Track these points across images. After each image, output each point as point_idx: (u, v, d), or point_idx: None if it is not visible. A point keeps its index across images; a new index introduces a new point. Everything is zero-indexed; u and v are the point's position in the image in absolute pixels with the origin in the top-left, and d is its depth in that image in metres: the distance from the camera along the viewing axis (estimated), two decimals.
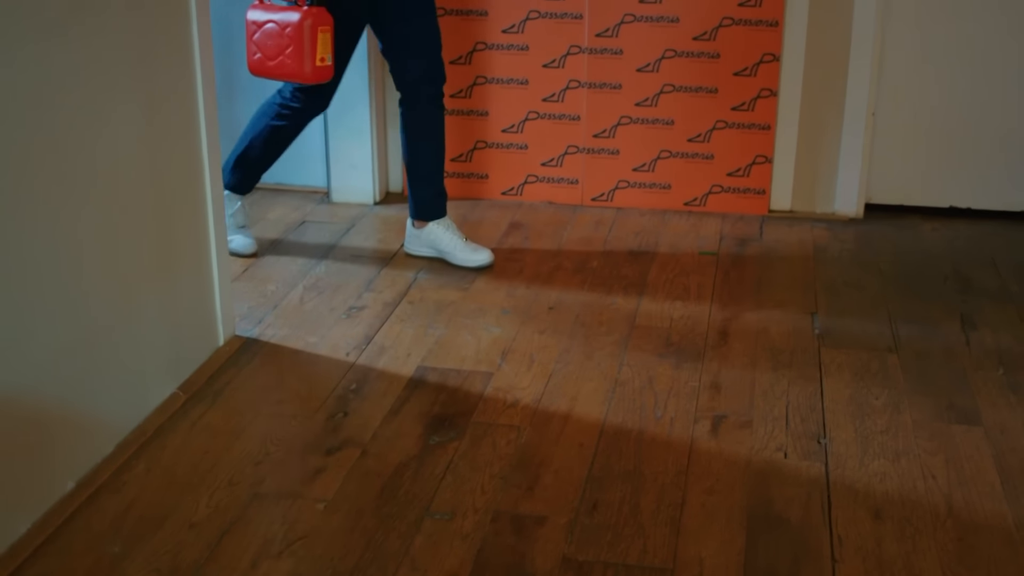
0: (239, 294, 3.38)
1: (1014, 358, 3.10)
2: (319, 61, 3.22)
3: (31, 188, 2.27)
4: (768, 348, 3.13)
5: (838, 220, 4.09)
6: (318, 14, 3.22)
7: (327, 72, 3.28)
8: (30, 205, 2.27)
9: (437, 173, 3.67)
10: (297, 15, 3.21)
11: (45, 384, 2.37)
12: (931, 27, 3.93)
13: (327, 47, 3.22)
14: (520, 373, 2.99)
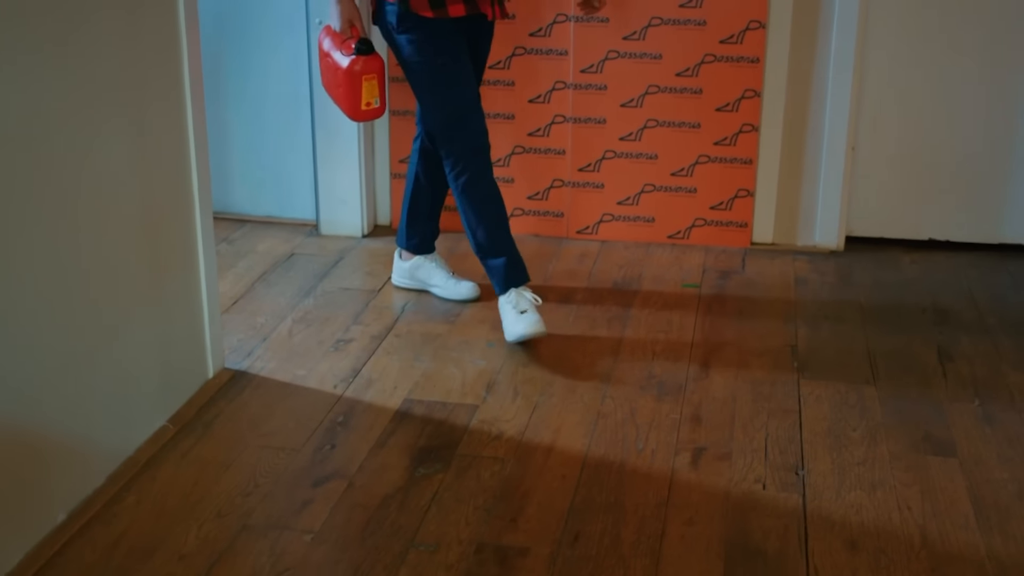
0: (229, 327, 3.43)
1: (990, 390, 3.16)
2: (365, 105, 3.30)
3: (19, 220, 2.33)
4: (748, 381, 3.19)
5: (819, 252, 4.15)
6: (365, 63, 3.25)
7: (375, 113, 3.35)
8: (19, 238, 2.32)
9: (437, 212, 3.76)
10: (347, 60, 3.27)
11: (36, 416, 2.42)
12: (909, 63, 4.01)
13: (373, 92, 3.28)
14: (505, 406, 3.04)
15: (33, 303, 2.37)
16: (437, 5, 3.22)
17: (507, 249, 3.42)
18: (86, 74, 2.49)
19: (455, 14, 3.24)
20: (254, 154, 4.35)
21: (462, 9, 3.25)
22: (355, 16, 3.33)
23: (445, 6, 3.22)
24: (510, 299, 3.39)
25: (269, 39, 4.21)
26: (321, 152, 4.21)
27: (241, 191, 4.40)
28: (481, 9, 3.28)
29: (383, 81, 3.32)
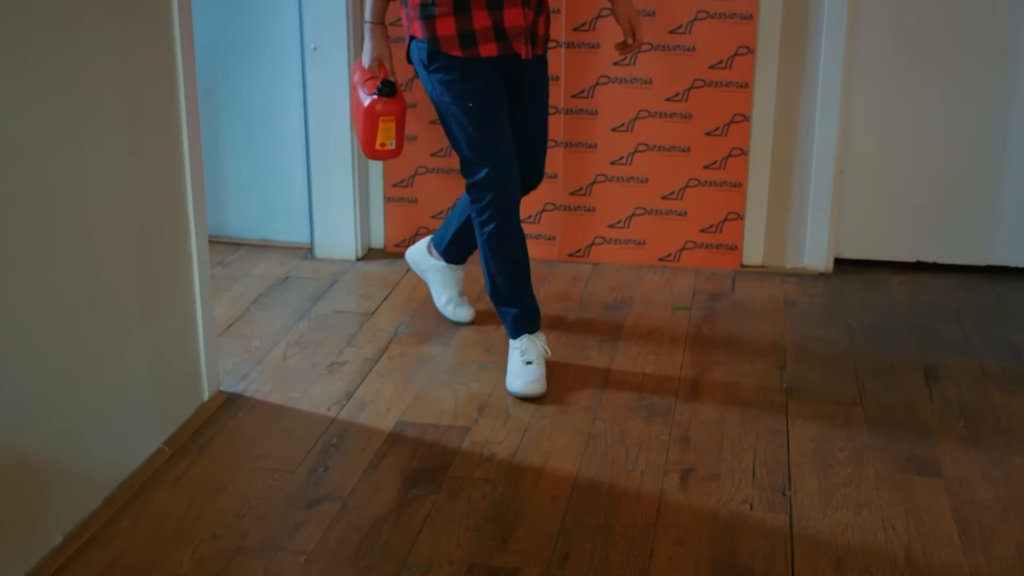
0: (224, 350, 3.47)
1: (975, 411, 3.20)
2: (379, 145, 3.30)
3: (14, 243, 2.37)
4: (737, 402, 3.23)
5: (808, 275, 4.20)
6: (384, 105, 3.24)
7: (389, 154, 3.34)
8: (14, 260, 2.36)
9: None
10: (368, 100, 3.26)
11: (32, 439, 2.45)
12: (896, 88, 4.07)
13: (389, 134, 3.27)
14: (496, 428, 3.08)
15: (28, 326, 2.41)
16: (467, 44, 3.11)
17: (523, 299, 3.36)
18: (82, 98, 2.54)
19: (487, 54, 3.12)
20: (249, 178, 4.40)
21: (494, 49, 3.11)
22: (385, 55, 3.31)
23: (476, 45, 3.10)
24: (520, 345, 3.34)
25: (264, 64, 4.27)
26: (315, 176, 4.26)
27: (236, 214, 4.45)
28: (515, 48, 3.14)
29: (402, 124, 3.31)
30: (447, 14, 3.07)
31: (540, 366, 3.29)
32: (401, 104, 3.28)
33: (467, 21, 3.06)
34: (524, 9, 3.09)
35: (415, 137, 4.24)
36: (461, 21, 3.06)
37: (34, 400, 2.44)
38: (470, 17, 3.06)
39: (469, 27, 3.06)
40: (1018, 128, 4.04)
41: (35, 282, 2.41)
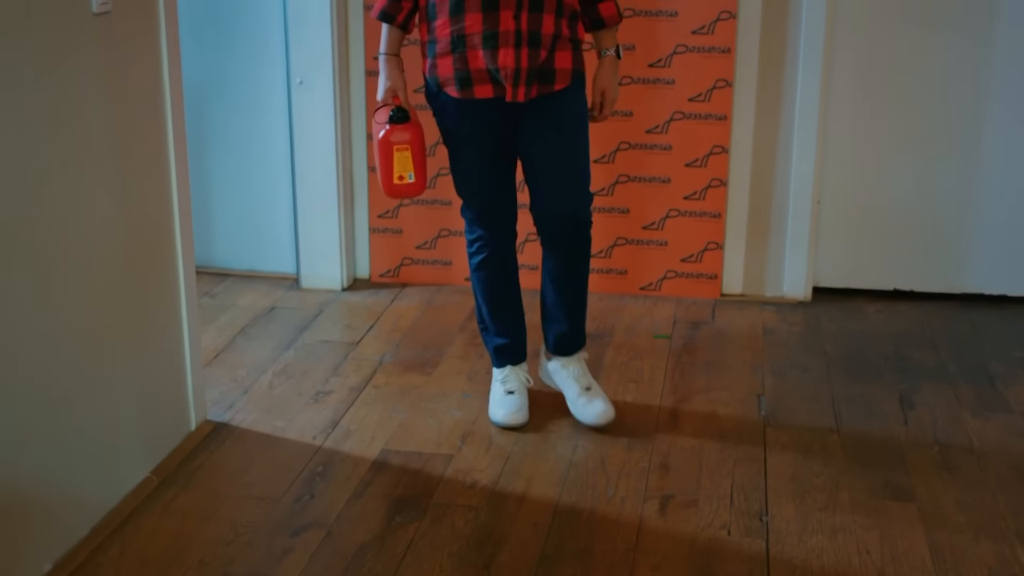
0: (211, 379, 3.52)
1: (949, 436, 3.26)
2: (397, 179, 3.13)
3: (1, 273, 2.42)
4: (716, 429, 3.29)
5: (787, 303, 4.27)
6: (398, 132, 3.10)
7: (409, 190, 3.16)
8: (4, 290, 2.42)
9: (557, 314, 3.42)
10: (383, 131, 3.12)
11: (21, 468, 2.50)
12: (871, 120, 4.15)
13: (406, 165, 3.11)
14: (479, 455, 3.13)
15: (17, 355, 2.46)
16: (464, 85, 3.04)
17: (508, 331, 3.37)
18: (72, 130, 2.60)
19: (481, 95, 3.05)
20: (235, 209, 4.46)
21: (490, 90, 3.04)
22: (399, 87, 3.14)
23: (472, 86, 3.04)
24: (501, 376, 3.38)
25: (251, 97, 4.33)
26: (301, 207, 4.32)
27: (223, 245, 4.50)
28: (507, 89, 3.03)
29: (420, 154, 3.14)
30: (446, 53, 3.03)
31: (522, 396, 3.34)
32: (416, 132, 3.13)
33: (463, 61, 3.01)
34: (517, 49, 2.99)
35: None
36: (458, 60, 3.02)
37: (22, 429, 2.48)
38: (466, 57, 3.01)
39: (465, 67, 3.01)
40: (991, 160, 4.13)
41: (22, 311, 2.46)
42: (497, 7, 2.96)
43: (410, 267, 4.44)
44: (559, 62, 3.07)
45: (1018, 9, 3.97)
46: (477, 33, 2.97)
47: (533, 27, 2.98)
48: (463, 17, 2.97)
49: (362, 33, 4.22)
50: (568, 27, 3.07)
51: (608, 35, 3.18)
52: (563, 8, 3.04)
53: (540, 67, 3.03)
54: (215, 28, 4.26)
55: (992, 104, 4.08)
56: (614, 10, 3.16)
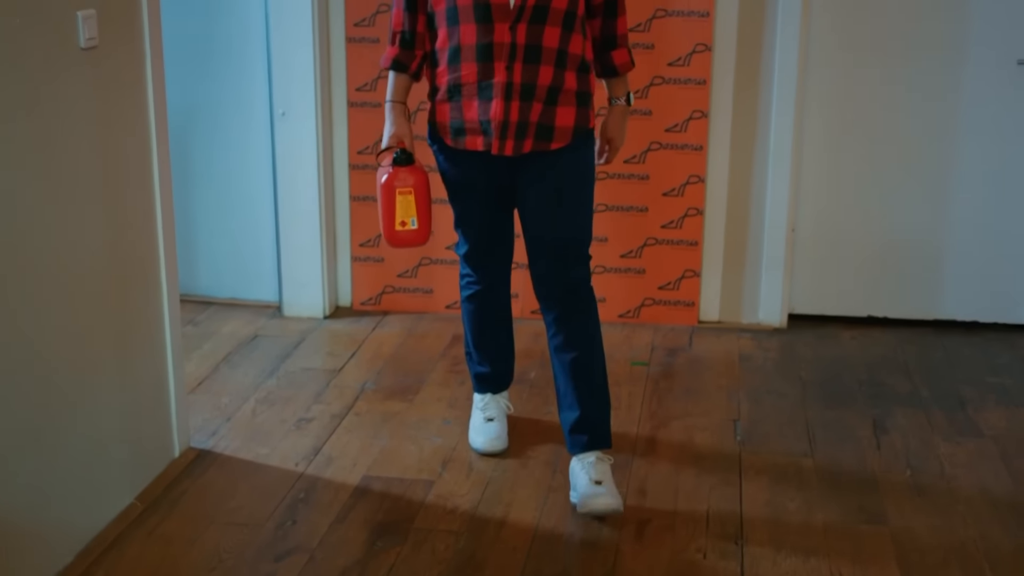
0: (194, 407, 3.56)
1: (921, 461, 3.32)
2: (399, 225, 3.00)
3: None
4: (692, 455, 3.34)
5: (763, 330, 4.34)
6: (401, 175, 3.00)
7: (411, 238, 3.04)
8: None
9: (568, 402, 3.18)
10: (386, 174, 3.02)
11: (6, 494, 2.53)
12: (845, 149, 4.23)
13: (408, 210, 2.99)
14: (459, 481, 3.18)
15: (1, 381, 2.50)
16: (457, 135, 2.97)
17: (491, 360, 3.39)
18: (59, 161, 2.65)
19: (471, 147, 2.96)
20: (219, 238, 4.51)
21: (479, 143, 2.94)
22: (405, 134, 3.05)
23: (464, 136, 2.96)
24: (481, 403, 3.42)
25: (235, 128, 4.39)
26: (284, 236, 4.37)
27: (206, 273, 4.54)
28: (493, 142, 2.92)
29: (423, 200, 3.02)
30: (444, 101, 2.96)
31: (501, 424, 3.38)
32: (421, 177, 3.02)
33: (459, 110, 2.93)
34: (507, 101, 2.87)
35: None
36: (454, 109, 2.94)
37: (6, 455, 2.52)
38: (461, 106, 2.93)
39: (460, 117, 2.94)
40: (961, 190, 4.21)
41: (6, 338, 2.50)
42: (491, 57, 2.87)
43: (391, 295, 4.49)
44: (560, 119, 2.93)
45: (985, 44, 4.07)
46: (472, 83, 2.89)
47: (527, 79, 2.86)
48: (460, 66, 2.90)
49: (344, 66, 4.28)
50: (576, 80, 2.94)
51: (619, 83, 3.09)
52: (567, 59, 2.90)
53: (537, 122, 2.90)
54: (199, 60, 4.32)
55: (961, 135, 4.16)
56: (627, 57, 3.06)
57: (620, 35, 3.03)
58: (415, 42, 3.00)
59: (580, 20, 2.92)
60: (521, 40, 2.84)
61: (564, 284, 3.07)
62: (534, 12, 2.83)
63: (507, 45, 2.85)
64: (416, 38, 2.99)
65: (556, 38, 2.87)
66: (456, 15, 2.87)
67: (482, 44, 2.86)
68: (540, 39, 2.85)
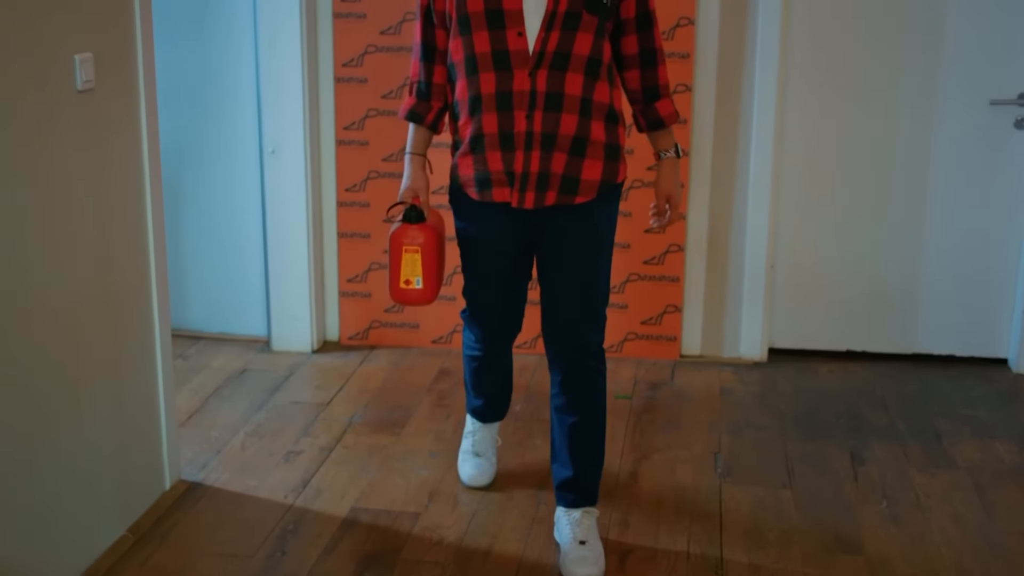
0: (184, 440, 3.62)
1: (897, 492, 3.40)
2: (403, 283, 2.92)
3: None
4: (674, 486, 3.42)
5: (744, 364, 4.42)
6: (409, 233, 2.92)
7: (415, 297, 2.95)
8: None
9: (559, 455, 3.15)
10: (395, 229, 2.95)
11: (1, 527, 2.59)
12: (823, 188, 4.33)
13: (414, 269, 2.90)
14: (446, 513, 3.24)
15: (3, 418, 2.56)
16: (483, 187, 2.86)
17: (485, 397, 3.35)
18: (56, 198, 2.72)
19: (499, 199, 2.84)
20: (208, 273, 4.58)
21: (507, 194, 2.83)
22: (421, 187, 2.97)
23: (490, 188, 2.85)
24: (471, 433, 3.43)
25: (225, 165, 4.46)
26: (273, 271, 4.44)
27: (196, 308, 4.61)
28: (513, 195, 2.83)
29: (431, 260, 2.93)
30: (467, 153, 2.86)
31: (488, 459, 3.42)
32: (431, 236, 2.92)
33: (483, 162, 2.83)
34: (527, 152, 2.78)
35: (368, 235, 4.45)
36: (478, 161, 2.83)
37: (4, 486, 2.58)
38: (485, 158, 2.82)
39: (484, 168, 2.83)
40: (936, 227, 4.31)
41: (0, 372, 2.57)
42: (510, 106, 2.76)
43: (378, 330, 4.56)
44: (587, 172, 2.82)
45: (958, 85, 4.17)
46: (493, 133, 2.79)
47: (548, 128, 2.76)
48: (480, 117, 2.79)
49: (332, 105, 4.37)
50: (604, 131, 2.82)
51: (666, 135, 2.95)
52: (592, 108, 2.79)
53: (562, 174, 2.80)
54: (191, 99, 4.40)
55: (935, 174, 4.27)
56: (672, 108, 2.92)
57: (662, 85, 2.90)
58: (431, 93, 2.92)
59: (607, 67, 2.81)
60: (541, 87, 2.74)
61: (576, 348, 2.96)
62: (555, 58, 2.73)
63: (527, 93, 2.74)
64: (432, 89, 2.92)
65: (579, 85, 2.76)
66: (475, 64, 2.77)
67: (501, 93, 2.76)
68: (562, 86, 2.74)
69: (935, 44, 4.16)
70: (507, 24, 2.73)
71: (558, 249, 2.90)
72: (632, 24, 2.84)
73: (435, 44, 2.89)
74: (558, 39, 2.72)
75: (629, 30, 2.85)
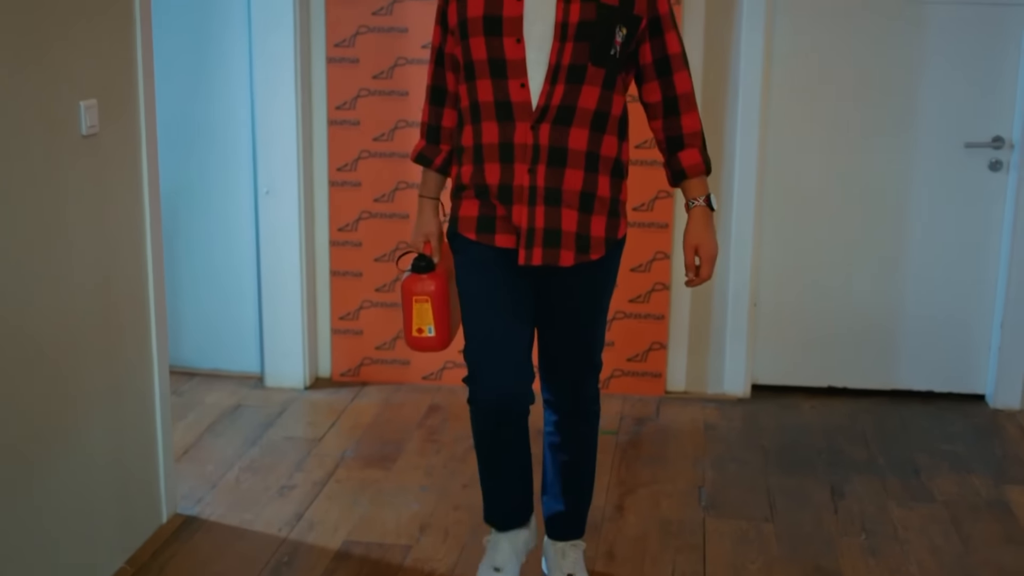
0: (180, 474, 3.69)
1: (876, 524, 3.49)
2: (415, 331, 2.88)
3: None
4: (658, 520, 3.50)
5: (727, 400, 4.51)
6: (418, 283, 2.86)
7: (429, 344, 2.89)
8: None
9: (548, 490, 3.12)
10: (405, 278, 2.90)
11: (2, 559, 2.66)
12: (804, 227, 4.45)
13: (425, 318, 2.86)
14: (436, 546, 3.32)
15: (5, 457, 2.65)
16: (484, 229, 2.74)
17: (497, 495, 3.01)
18: (61, 237, 2.81)
19: (503, 244, 2.72)
20: (204, 310, 4.66)
21: (512, 240, 2.72)
22: (432, 232, 2.89)
23: (494, 232, 2.73)
24: (492, 541, 3.06)
25: (221, 205, 4.56)
26: (266, 309, 4.53)
27: (190, 345, 4.69)
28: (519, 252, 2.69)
29: (442, 308, 2.88)
30: (472, 197, 2.75)
31: (511, 571, 3.01)
32: (441, 284, 2.86)
33: (490, 207, 2.73)
34: (531, 207, 2.67)
35: (360, 273, 4.54)
36: (485, 206, 2.73)
37: (2, 521, 2.65)
38: (489, 203, 2.73)
39: (492, 213, 2.72)
40: (914, 267, 4.43)
41: (2, 408, 2.65)
42: (512, 158, 2.66)
43: (370, 366, 4.65)
44: (594, 228, 2.72)
45: (934, 128, 4.30)
46: (495, 184, 2.69)
47: (552, 183, 2.65)
48: (483, 167, 2.70)
49: (325, 147, 4.48)
50: (609, 186, 2.72)
51: (694, 184, 2.76)
52: (598, 162, 2.68)
53: (576, 232, 2.69)
54: (188, 140, 4.50)
55: (913, 214, 4.39)
56: (698, 159, 2.74)
57: (687, 134, 2.74)
58: (440, 136, 2.84)
59: (618, 120, 2.70)
60: (544, 142, 2.63)
61: (573, 395, 2.94)
62: (559, 112, 2.62)
63: (529, 147, 2.64)
64: (442, 132, 2.84)
65: (584, 140, 2.65)
66: (478, 112, 2.68)
67: (504, 144, 2.66)
68: (565, 141, 2.64)
69: (913, 88, 4.29)
70: (509, 74, 2.63)
71: (561, 303, 2.82)
72: (651, 70, 2.73)
73: (445, 86, 2.81)
74: (563, 92, 2.61)
75: (649, 76, 2.74)
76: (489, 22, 2.62)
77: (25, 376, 2.69)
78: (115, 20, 3.02)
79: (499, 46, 2.62)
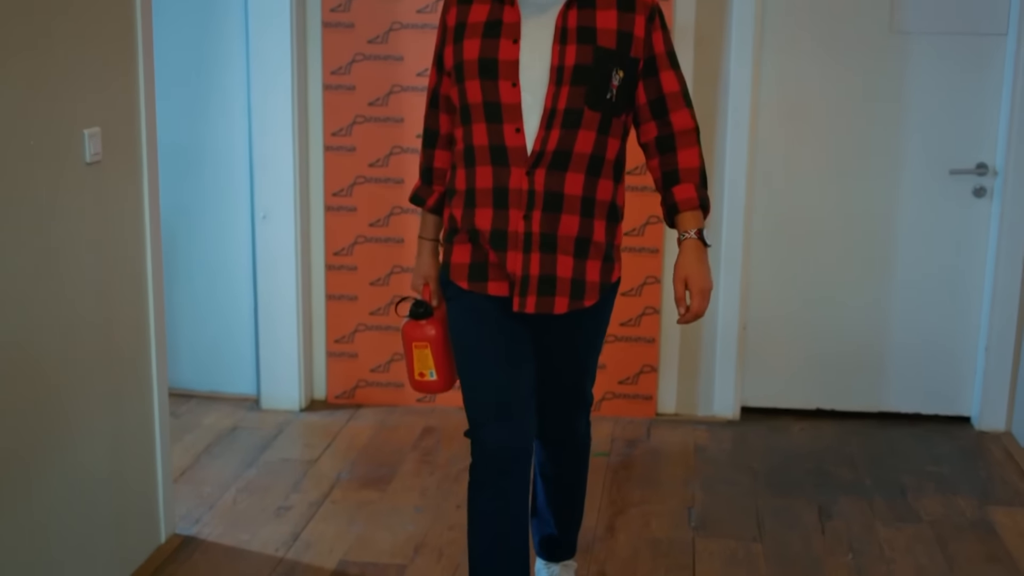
0: (179, 496, 3.74)
1: (863, 544, 3.55)
2: (417, 375, 2.90)
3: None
4: (649, 540, 3.56)
5: (717, 422, 4.57)
6: (415, 329, 2.86)
7: (431, 387, 2.90)
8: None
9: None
10: (404, 323, 2.91)
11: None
12: (791, 252, 4.52)
13: (426, 363, 2.87)
14: (430, 565, 3.38)
15: (6, 477, 2.70)
16: (476, 277, 2.69)
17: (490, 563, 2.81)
18: (64, 261, 2.88)
19: (495, 292, 2.67)
20: (201, 333, 4.72)
21: (505, 288, 2.66)
22: (431, 275, 2.87)
23: (486, 280, 2.68)
24: None
25: (218, 229, 4.62)
26: (263, 332, 4.59)
27: (187, 367, 4.74)
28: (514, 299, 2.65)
29: (442, 352, 2.88)
30: (464, 242, 2.69)
31: None
32: (439, 329, 2.86)
33: (482, 253, 2.68)
34: (526, 254, 2.61)
35: (356, 297, 4.60)
36: (477, 253, 2.68)
37: (5, 543, 2.70)
38: (481, 250, 2.68)
39: (483, 259, 2.67)
40: (901, 290, 4.50)
41: (5, 432, 2.70)
42: (506, 204, 2.62)
43: (365, 389, 4.71)
44: (589, 274, 2.67)
45: (919, 155, 4.38)
46: (487, 229, 2.64)
47: (547, 229, 2.60)
48: (475, 211, 2.66)
49: (322, 172, 4.55)
50: (605, 231, 2.68)
51: (687, 218, 2.68)
52: (594, 207, 2.64)
53: (571, 278, 2.64)
54: (187, 165, 4.57)
55: (899, 239, 4.46)
56: (691, 193, 2.67)
57: (683, 169, 2.67)
58: (433, 178, 2.83)
59: (612, 164, 2.66)
60: (540, 187, 2.59)
61: (566, 429, 2.96)
62: (554, 158, 2.58)
63: (524, 192, 2.60)
64: (434, 174, 2.82)
65: (580, 185, 2.61)
66: (473, 156, 2.64)
67: (498, 189, 2.62)
68: (561, 186, 2.59)
69: (898, 115, 4.37)
70: (504, 119, 2.59)
71: (554, 348, 2.79)
72: (647, 110, 2.68)
73: (437, 129, 2.79)
74: (558, 138, 2.57)
75: (644, 117, 2.69)
76: (485, 65, 2.61)
77: (27, 397, 2.75)
78: (118, 49, 3.09)
79: (494, 90, 2.60)
